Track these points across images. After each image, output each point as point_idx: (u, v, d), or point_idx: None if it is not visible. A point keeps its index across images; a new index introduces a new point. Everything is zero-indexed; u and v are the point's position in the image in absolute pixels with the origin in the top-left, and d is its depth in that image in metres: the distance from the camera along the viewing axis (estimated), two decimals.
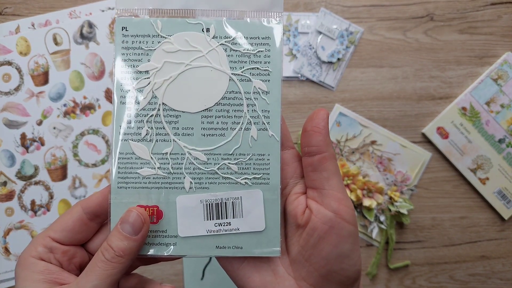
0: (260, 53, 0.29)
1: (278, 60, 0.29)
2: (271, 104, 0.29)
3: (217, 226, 0.29)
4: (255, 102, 0.29)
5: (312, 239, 0.28)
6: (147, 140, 0.29)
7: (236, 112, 0.29)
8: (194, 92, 0.29)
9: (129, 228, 0.27)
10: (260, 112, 0.29)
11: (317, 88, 0.62)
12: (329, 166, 0.28)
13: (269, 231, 0.29)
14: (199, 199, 0.29)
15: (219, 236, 0.29)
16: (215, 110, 0.29)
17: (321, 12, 0.61)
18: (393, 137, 0.62)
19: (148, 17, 0.29)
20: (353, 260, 0.28)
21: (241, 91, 0.29)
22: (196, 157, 0.29)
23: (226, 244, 0.29)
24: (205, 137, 0.29)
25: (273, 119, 0.29)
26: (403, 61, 0.62)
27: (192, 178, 0.29)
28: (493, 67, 0.62)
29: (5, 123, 0.59)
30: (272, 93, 0.29)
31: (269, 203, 0.29)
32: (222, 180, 0.29)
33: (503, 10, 0.63)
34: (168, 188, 0.29)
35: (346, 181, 0.59)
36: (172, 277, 0.60)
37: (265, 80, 0.29)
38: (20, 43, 0.59)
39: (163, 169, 0.29)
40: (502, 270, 0.63)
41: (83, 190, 0.59)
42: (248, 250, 0.29)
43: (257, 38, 0.29)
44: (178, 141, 0.29)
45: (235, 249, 0.29)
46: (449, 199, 0.62)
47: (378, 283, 0.62)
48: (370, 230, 0.61)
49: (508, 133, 0.61)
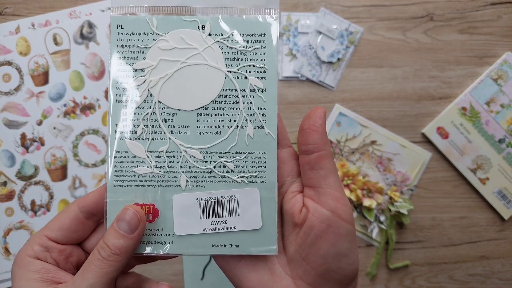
0: (256, 50, 0.29)
1: (274, 57, 0.29)
2: (267, 101, 0.29)
3: (214, 224, 0.29)
4: (251, 99, 0.29)
5: (309, 238, 0.28)
6: (143, 138, 0.29)
7: (232, 110, 0.29)
8: (189, 90, 0.29)
9: (125, 226, 0.27)
10: (256, 110, 0.29)
11: (317, 88, 0.62)
12: (326, 164, 0.28)
13: (266, 230, 0.29)
14: (195, 197, 0.29)
15: (216, 234, 0.29)
16: (211, 108, 0.29)
17: (321, 12, 0.61)
18: (393, 137, 0.62)
19: (143, 15, 0.29)
20: (350, 259, 0.28)
21: (237, 88, 0.29)
22: (192, 155, 0.29)
23: (223, 242, 0.29)
24: (201, 135, 0.29)
25: (269, 117, 0.29)
26: (403, 61, 0.62)
27: (188, 177, 0.29)
28: (493, 67, 0.62)
29: (5, 123, 0.59)
30: (268, 90, 0.29)
31: (265, 201, 0.29)
32: (219, 179, 0.29)
33: (503, 10, 0.63)
34: (164, 187, 0.29)
35: (346, 181, 0.59)
36: (172, 277, 0.60)
37: (261, 78, 0.29)
38: (20, 43, 0.59)
39: (159, 167, 0.29)
40: (501, 270, 0.63)
41: (83, 190, 0.59)
42: (244, 248, 0.29)
43: (253, 35, 0.29)
44: (174, 139, 0.29)
45: (231, 248, 0.29)
46: (449, 199, 0.62)
47: (378, 283, 0.62)
48: (370, 230, 0.61)
49: (508, 133, 0.61)
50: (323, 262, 0.28)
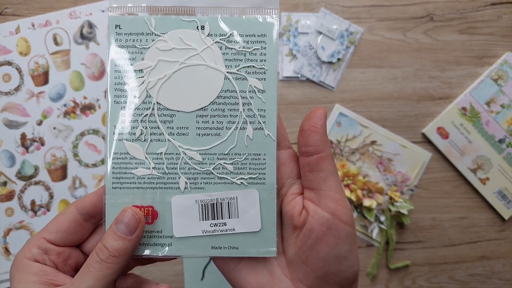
0: (256, 50, 0.29)
1: (274, 57, 0.29)
2: (267, 102, 0.29)
3: (213, 226, 0.29)
4: (251, 101, 0.29)
5: (309, 240, 0.28)
6: (141, 140, 0.29)
7: (232, 111, 0.29)
8: (188, 91, 0.29)
9: (124, 228, 0.27)
10: (256, 111, 0.29)
11: (317, 88, 0.62)
12: (327, 166, 0.28)
13: (265, 231, 0.29)
14: (194, 199, 0.29)
15: (215, 236, 0.29)
16: (210, 109, 0.29)
17: (321, 13, 0.61)
18: (393, 137, 0.62)
19: (142, 15, 0.29)
20: (350, 262, 0.28)
21: (237, 89, 0.29)
22: (191, 157, 0.29)
23: (222, 244, 0.29)
24: (200, 137, 0.29)
25: (269, 118, 0.29)
26: (403, 61, 0.62)
27: (187, 178, 0.29)
28: (493, 67, 0.61)
29: (5, 123, 0.59)
30: (268, 91, 0.29)
31: (265, 203, 0.29)
32: (218, 180, 0.29)
33: (503, 10, 0.63)
34: (163, 188, 0.29)
35: (346, 181, 0.59)
36: (172, 278, 0.60)
37: (261, 79, 0.29)
38: (20, 43, 0.59)
39: (158, 169, 0.29)
40: (502, 270, 0.63)
41: (83, 191, 0.59)
42: (243, 250, 0.29)
43: (252, 36, 0.29)
44: (173, 141, 0.29)
45: (230, 250, 0.29)
46: (449, 199, 0.62)
47: (378, 283, 0.62)
48: (370, 230, 0.61)
49: (508, 133, 0.61)
50: (323, 265, 0.28)
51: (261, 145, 0.29)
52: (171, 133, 0.29)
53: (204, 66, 0.29)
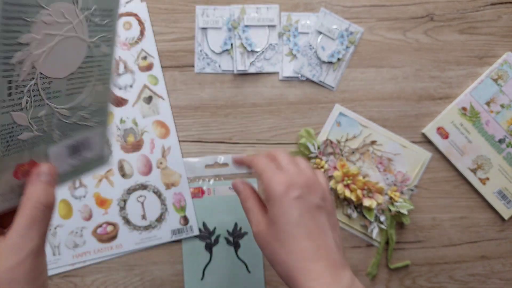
0: (108, 23, 0.35)
1: (116, 28, 0.36)
2: (111, 63, 0.37)
3: (77, 159, 0.38)
4: (101, 63, 0.36)
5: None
6: (26, 108, 0.31)
7: (90, 73, 0.35)
8: (64, 59, 0.32)
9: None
10: (104, 71, 0.36)
11: (317, 88, 0.62)
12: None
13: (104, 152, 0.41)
14: (64, 145, 0.36)
15: (78, 166, 0.38)
16: (77, 73, 0.34)
17: (321, 12, 0.61)
18: (393, 137, 0.62)
19: None
20: None
21: (94, 55, 0.35)
22: (62, 114, 0.34)
23: (82, 167, 0.39)
24: (68, 96, 0.34)
25: (110, 74, 0.37)
26: (403, 61, 0.62)
27: (60, 131, 0.34)
28: (493, 67, 0.62)
29: None
30: (111, 55, 0.36)
31: (104, 136, 0.40)
32: (79, 127, 0.36)
33: (503, 10, 0.63)
34: (43, 144, 0.33)
35: (346, 181, 0.59)
36: (172, 277, 0.60)
37: (108, 45, 0.36)
38: None
39: (39, 130, 0.32)
40: (502, 270, 0.63)
41: (83, 190, 0.59)
42: (94, 166, 0.40)
43: (105, 10, 0.34)
44: (50, 104, 0.33)
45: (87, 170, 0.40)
46: (449, 199, 0.63)
47: (378, 283, 0.62)
48: (370, 230, 0.61)
49: (508, 133, 0.61)
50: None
51: (104, 95, 0.37)
52: (49, 97, 0.32)
53: (77, 37, 0.33)
